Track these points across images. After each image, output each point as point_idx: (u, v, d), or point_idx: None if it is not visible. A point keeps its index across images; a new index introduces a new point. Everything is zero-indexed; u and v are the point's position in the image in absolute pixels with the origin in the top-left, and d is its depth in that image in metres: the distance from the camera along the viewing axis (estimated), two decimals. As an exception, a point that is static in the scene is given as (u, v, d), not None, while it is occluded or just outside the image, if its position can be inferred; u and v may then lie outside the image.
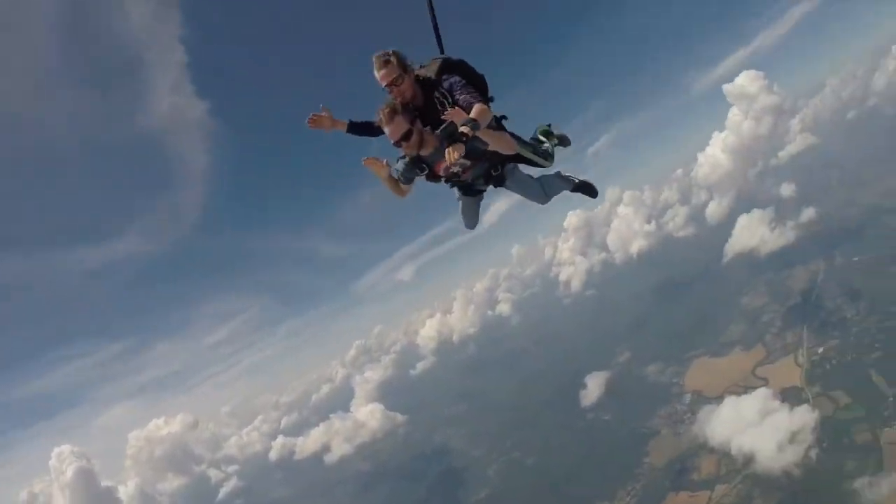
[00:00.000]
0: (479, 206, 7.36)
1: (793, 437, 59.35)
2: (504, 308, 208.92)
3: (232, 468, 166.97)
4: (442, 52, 6.55)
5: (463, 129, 5.06)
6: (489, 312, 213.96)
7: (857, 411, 59.33)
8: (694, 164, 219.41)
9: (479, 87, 6.18)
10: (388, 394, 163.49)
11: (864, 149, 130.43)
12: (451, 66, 6.15)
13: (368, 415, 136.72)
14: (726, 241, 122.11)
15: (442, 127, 5.16)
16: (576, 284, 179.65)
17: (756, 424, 63.45)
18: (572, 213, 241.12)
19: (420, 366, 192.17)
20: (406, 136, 5.65)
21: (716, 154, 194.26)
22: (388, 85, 5.76)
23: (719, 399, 73.04)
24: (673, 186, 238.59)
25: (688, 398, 79.58)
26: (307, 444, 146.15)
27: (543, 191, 7.33)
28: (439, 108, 5.77)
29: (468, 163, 6.06)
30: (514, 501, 78.40)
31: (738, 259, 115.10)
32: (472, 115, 5.30)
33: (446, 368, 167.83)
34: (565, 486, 74.64)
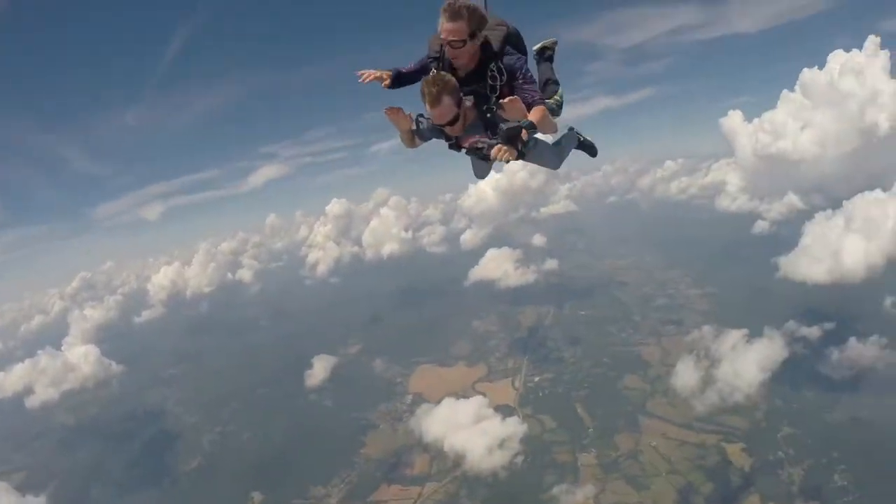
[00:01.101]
0: (492, 164, 6.92)
1: (502, 444, 65.24)
2: (245, 274, 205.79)
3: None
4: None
5: (523, 134, 4.70)
6: (229, 275, 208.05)
7: (560, 435, 67.49)
8: (464, 193, 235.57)
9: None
10: (106, 338, 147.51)
11: (612, 229, 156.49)
12: (514, 40, 5.70)
13: (81, 357, 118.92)
14: (472, 267, 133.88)
15: (506, 128, 4.70)
16: (322, 269, 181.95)
17: (469, 427, 68.38)
18: (336, 201, 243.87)
19: (146, 314, 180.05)
20: (452, 121, 5.27)
21: (486, 190, 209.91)
22: (450, 43, 5.16)
23: (439, 403, 76.70)
24: (438, 206, 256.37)
25: (409, 398, 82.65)
26: (8, 381, 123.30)
27: (558, 156, 7.26)
28: (489, 81, 5.38)
29: (496, 142, 5.30)
30: (225, 476, 73.22)
31: (479, 286, 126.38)
32: (533, 117, 4.95)
33: (173, 323, 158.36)
34: (279, 465, 72.31)
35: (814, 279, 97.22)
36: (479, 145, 5.66)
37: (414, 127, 5.70)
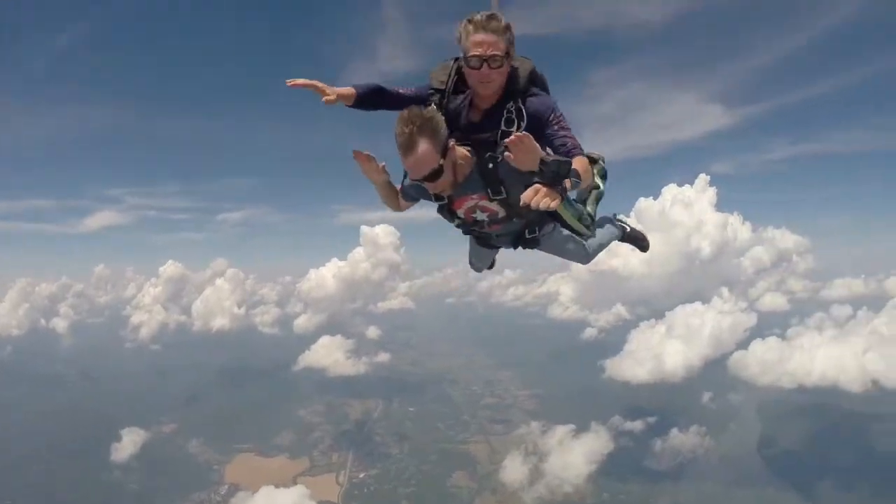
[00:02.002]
0: (495, 253, 5.83)
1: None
2: (60, 324, 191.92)
3: None
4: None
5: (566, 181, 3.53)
6: (42, 321, 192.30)
7: (387, 532, 66.41)
8: (304, 278, 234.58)
9: None
10: None
11: (446, 329, 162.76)
12: (540, 80, 4.52)
13: None
14: (303, 352, 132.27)
15: (552, 160, 3.44)
16: (145, 333, 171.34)
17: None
18: (172, 263, 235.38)
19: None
20: (432, 176, 3.95)
21: (327, 277, 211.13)
22: (489, 60, 3.97)
23: (256, 493, 73.06)
24: (276, 287, 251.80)
25: (225, 488, 77.90)
26: None
27: (587, 250, 5.70)
28: (503, 126, 4.17)
29: (502, 214, 4.55)
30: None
31: (309, 372, 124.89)
32: (576, 167, 3.68)
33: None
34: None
35: (638, 379, 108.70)
36: (479, 216, 4.62)
37: (390, 182, 4.65)
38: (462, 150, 4.21)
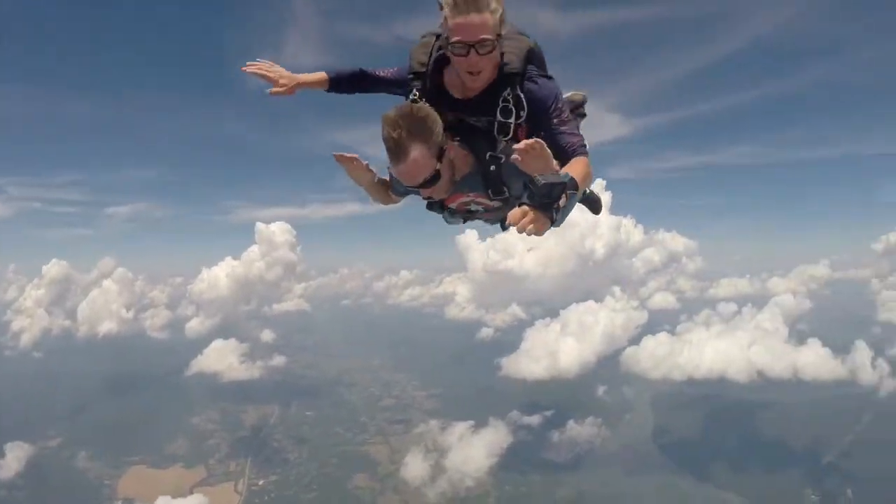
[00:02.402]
0: None
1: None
2: None
3: None
4: None
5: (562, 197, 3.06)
6: None
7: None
8: (196, 278, 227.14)
9: None
10: None
11: (343, 331, 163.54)
12: (539, 59, 4.04)
13: None
14: (195, 357, 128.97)
15: (543, 182, 2.94)
16: (26, 340, 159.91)
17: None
18: (56, 262, 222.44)
19: None
20: (427, 183, 3.56)
21: (220, 277, 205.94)
22: (477, 45, 3.49)
23: (152, 505, 72.16)
24: (166, 289, 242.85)
25: (119, 504, 76.14)
26: None
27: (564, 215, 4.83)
28: (499, 116, 3.77)
29: (498, 206, 4.25)
30: None
31: (201, 378, 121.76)
32: (576, 172, 3.30)
33: None
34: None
35: (534, 376, 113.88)
36: (474, 207, 4.35)
37: (378, 178, 4.40)
38: (460, 150, 3.83)
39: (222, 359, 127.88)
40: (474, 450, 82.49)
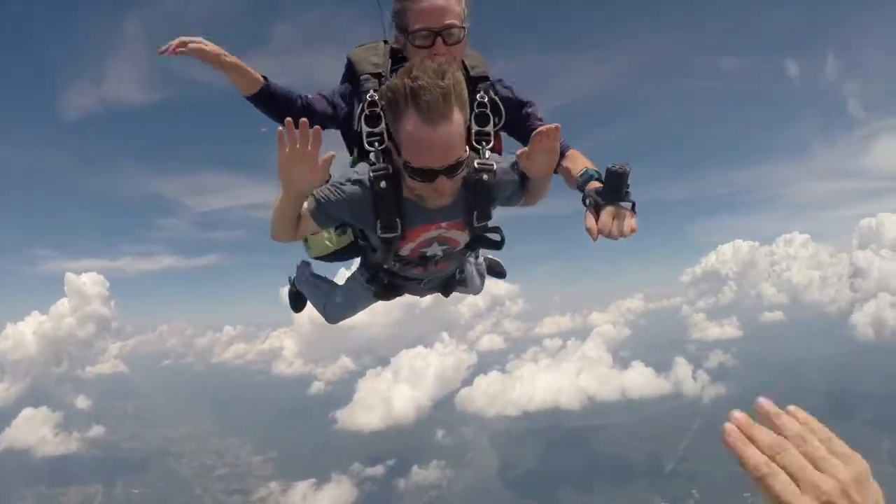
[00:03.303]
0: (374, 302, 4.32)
1: None
2: None
3: None
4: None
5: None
6: None
7: None
8: None
9: None
10: None
11: (165, 395, 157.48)
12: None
13: None
14: (3, 430, 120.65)
15: (611, 169, 2.63)
16: None
17: None
18: None
19: None
20: (452, 169, 2.80)
21: (26, 334, 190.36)
22: (443, 32, 3.13)
23: None
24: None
25: None
26: None
27: (483, 278, 4.77)
28: (474, 125, 3.10)
29: (464, 244, 3.50)
30: None
31: (11, 455, 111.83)
32: (583, 163, 3.14)
33: None
34: None
35: (371, 427, 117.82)
36: (433, 250, 3.46)
37: (320, 196, 3.10)
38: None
39: (34, 431, 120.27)
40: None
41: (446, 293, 4.28)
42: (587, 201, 2.70)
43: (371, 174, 3.03)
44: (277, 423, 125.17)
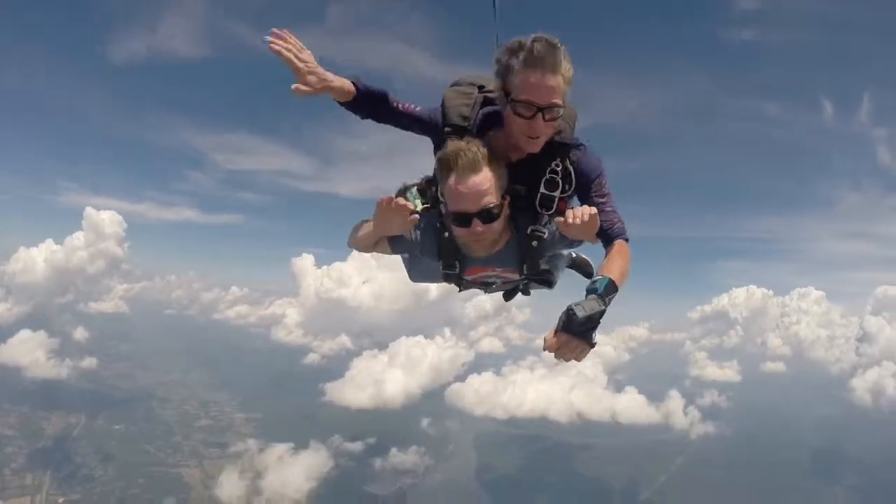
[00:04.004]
0: None
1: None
2: None
3: None
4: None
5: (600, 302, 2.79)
6: None
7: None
8: (10, 258, 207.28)
9: None
10: None
11: (162, 342, 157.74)
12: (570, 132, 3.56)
13: None
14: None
15: (584, 315, 2.66)
16: None
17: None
18: None
19: None
20: (487, 214, 3.23)
21: (37, 261, 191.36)
22: (546, 110, 3.14)
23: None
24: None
25: None
26: None
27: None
28: (542, 189, 3.42)
29: (519, 277, 3.88)
30: None
31: (3, 371, 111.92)
32: (617, 267, 3.07)
33: None
34: None
35: (358, 404, 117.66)
36: (491, 279, 3.96)
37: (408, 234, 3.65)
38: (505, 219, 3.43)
39: (28, 352, 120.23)
40: (293, 472, 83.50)
41: (509, 297, 4.73)
42: (561, 316, 2.78)
43: (438, 224, 3.64)
44: (267, 386, 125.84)
